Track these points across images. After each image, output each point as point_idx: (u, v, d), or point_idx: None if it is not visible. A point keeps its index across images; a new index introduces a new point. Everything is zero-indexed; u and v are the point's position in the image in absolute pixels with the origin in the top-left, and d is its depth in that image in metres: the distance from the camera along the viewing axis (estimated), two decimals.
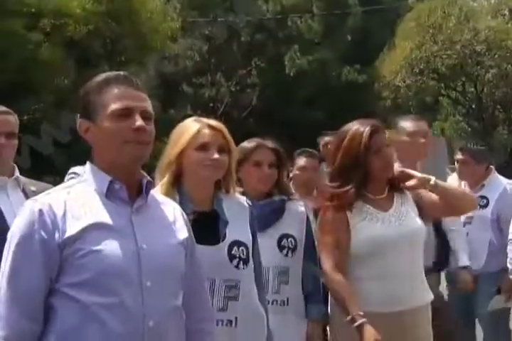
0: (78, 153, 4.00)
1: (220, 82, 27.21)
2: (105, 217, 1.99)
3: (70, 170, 4.13)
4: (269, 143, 3.43)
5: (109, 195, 2.03)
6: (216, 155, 2.58)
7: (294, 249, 3.16)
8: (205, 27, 26.87)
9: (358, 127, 3.14)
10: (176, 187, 2.63)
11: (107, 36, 20.50)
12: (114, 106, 2.01)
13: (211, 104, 27.26)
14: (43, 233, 1.92)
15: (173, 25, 22.67)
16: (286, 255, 3.14)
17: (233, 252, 2.59)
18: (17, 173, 3.25)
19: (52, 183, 3.97)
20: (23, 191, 3.17)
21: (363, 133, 3.09)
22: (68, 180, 3.94)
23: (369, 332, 2.78)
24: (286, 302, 3.14)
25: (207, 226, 2.52)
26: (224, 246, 2.58)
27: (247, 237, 2.67)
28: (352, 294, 2.95)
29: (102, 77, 2.09)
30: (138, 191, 2.08)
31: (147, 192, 2.09)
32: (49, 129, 15.02)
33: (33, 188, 3.18)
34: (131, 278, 1.96)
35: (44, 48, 18.69)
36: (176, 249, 2.11)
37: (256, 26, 27.41)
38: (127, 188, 2.05)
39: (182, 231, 2.17)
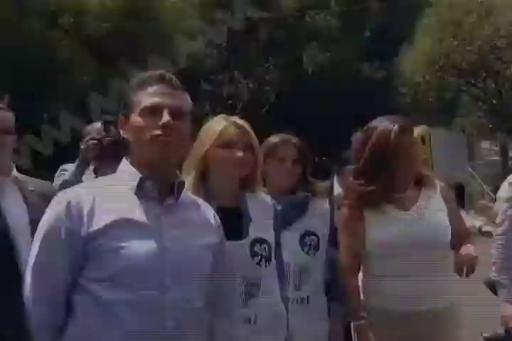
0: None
1: (239, 80, 27.73)
2: (132, 214, 2.02)
3: (61, 167, 4.17)
4: (294, 139, 3.43)
5: (138, 193, 2.06)
6: (240, 153, 2.62)
7: (316, 247, 3.15)
8: (223, 24, 26.69)
9: (386, 124, 3.10)
10: (202, 184, 2.66)
11: (126, 34, 20.89)
12: (144, 103, 2.09)
13: (230, 101, 27.65)
14: (69, 225, 1.96)
15: (192, 23, 23.62)
16: (308, 253, 3.13)
17: (255, 249, 2.61)
18: (14, 172, 3.16)
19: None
20: (21, 190, 3.15)
21: (391, 131, 3.05)
22: (59, 176, 4.07)
23: (366, 333, 2.93)
24: (306, 299, 3.14)
25: (230, 222, 2.52)
26: (246, 242, 2.59)
27: (270, 235, 2.69)
28: (358, 295, 3.06)
29: (142, 75, 2.18)
30: (170, 191, 2.11)
31: (178, 193, 2.12)
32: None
33: (31, 188, 3.13)
34: (153, 277, 1.98)
35: (63, 46, 19.59)
36: (202, 252, 2.13)
37: (274, 23, 27.68)
38: (158, 187, 2.08)
39: (212, 235, 2.21)
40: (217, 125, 2.69)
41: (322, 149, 31.40)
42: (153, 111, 2.09)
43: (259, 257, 2.61)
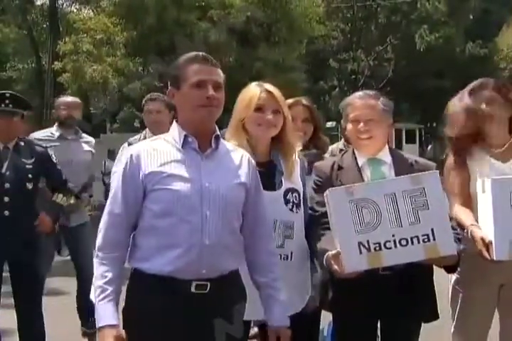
0: None
1: (361, 58, 29.84)
2: (178, 162, 2.37)
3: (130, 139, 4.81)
4: (304, 101, 3.62)
5: (184, 146, 2.40)
6: (270, 116, 2.77)
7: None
8: (347, 11, 29.83)
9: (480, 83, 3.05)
10: (245, 140, 2.81)
11: (263, 21, 22.66)
12: (193, 79, 2.38)
13: (353, 76, 30.16)
14: (132, 170, 2.36)
15: (319, 10, 24.83)
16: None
17: (288, 197, 2.80)
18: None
19: None
20: None
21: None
22: (122, 149, 4.70)
23: (478, 233, 2.76)
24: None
25: (266, 175, 2.72)
26: (280, 192, 2.79)
27: (299, 186, 2.87)
28: (465, 214, 2.95)
29: (186, 56, 2.47)
30: (209, 143, 2.43)
31: (216, 144, 2.44)
32: None
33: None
34: (195, 208, 2.32)
35: (212, 34, 21.03)
36: (236, 188, 2.43)
37: (391, 9, 29.92)
38: (199, 141, 2.40)
39: (245, 175, 2.48)
40: (251, 92, 2.82)
41: (432, 116, 33.83)
42: (199, 85, 2.37)
43: (291, 204, 2.81)
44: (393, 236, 2.53)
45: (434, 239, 2.54)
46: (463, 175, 3.07)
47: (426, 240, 2.54)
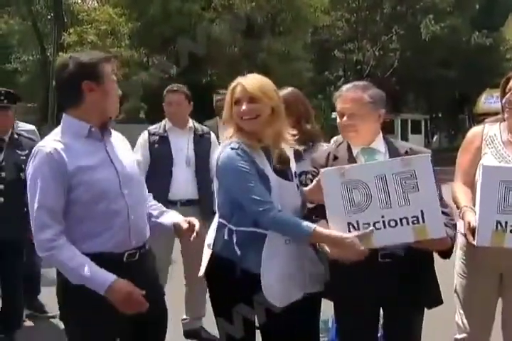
0: None
1: (366, 48, 29.87)
2: (91, 153, 2.56)
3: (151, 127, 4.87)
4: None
5: (89, 136, 2.56)
6: (243, 107, 2.74)
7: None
8: (352, 1, 29.77)
9: None
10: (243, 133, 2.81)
11: (268, 11, 23.15)
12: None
13: (359, 67, 30.17)
14: (57, 165, 2.47)
15: (324, 0, 24.82)
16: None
17: (301, 179, 3.00)
18: None
19: None
20: None
21: None
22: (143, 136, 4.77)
23: (468, 216, 2.79)
24: None
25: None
26: (295, 182, 2.86)
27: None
28: (463, 193, 2.98)
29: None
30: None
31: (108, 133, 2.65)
32: None
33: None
34: (117, 190, 2.57)
35: (216, 24, 21.34)
36: (135, 164, 2.74)
37: None
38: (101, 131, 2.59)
39: (131, 151, 2.83)
40: (229, 89, 2.82)
41: (438, 107, 33.81)
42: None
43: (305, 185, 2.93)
44: (383, 217, 2.60)
45: (423, 221, 2.59)
46: (475, 153, 3.11)
47: (415, 222, 2.59)
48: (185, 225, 2.71)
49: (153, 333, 2.74)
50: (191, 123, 4.77)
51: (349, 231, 2.59)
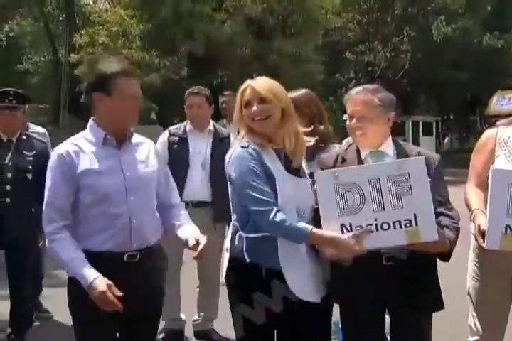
0: None
1: (377, 49, 29.73)
2: (102, 158, 2.75)
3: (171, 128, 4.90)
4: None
5: (104, 143, 2.77)
6: (254, 108, 2.76)
7: None
8: (363, 2, 29.73)
9: None
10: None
11: (279, 13, 23.31)
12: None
13: (370, 68, 30.12)
14: (67, 168, 2.71)
15: (335, 2, 25.23)
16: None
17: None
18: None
19: None
20: None
21: None
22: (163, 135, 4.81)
23: (479, 219, 2.81)
24: None
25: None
26: (309, 181, 2.88)
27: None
28: (475, 196, 3.02)
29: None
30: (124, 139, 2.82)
31: (129, 140, 2.83)
32: None
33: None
34: (122, 196, 2.74)
35: (227, 25, 21.67)
36: (149, 174, 2.85)
37: (407, 0, 29.71)
38: (116, 138, 2.78)
39: (154, 162, 2.91)
40: (238, 92, 2.84)
41: (447, 108, 33.86)
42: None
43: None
44: (375, 220, 2.60)
45: (416, 225, 2.58)
46: (488, 155, 3.13)
47: (408, 225, 2.59)
48: (192, 243, 2.79)
49: (144, 329, 2.92)
50: (212, 126, 4.79)
51: (342, 232, 2.60)
